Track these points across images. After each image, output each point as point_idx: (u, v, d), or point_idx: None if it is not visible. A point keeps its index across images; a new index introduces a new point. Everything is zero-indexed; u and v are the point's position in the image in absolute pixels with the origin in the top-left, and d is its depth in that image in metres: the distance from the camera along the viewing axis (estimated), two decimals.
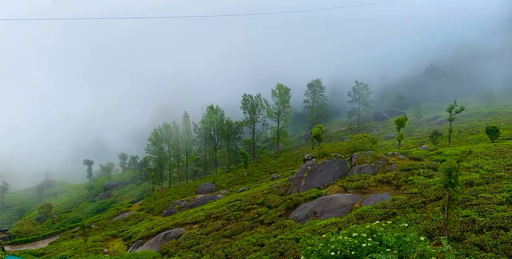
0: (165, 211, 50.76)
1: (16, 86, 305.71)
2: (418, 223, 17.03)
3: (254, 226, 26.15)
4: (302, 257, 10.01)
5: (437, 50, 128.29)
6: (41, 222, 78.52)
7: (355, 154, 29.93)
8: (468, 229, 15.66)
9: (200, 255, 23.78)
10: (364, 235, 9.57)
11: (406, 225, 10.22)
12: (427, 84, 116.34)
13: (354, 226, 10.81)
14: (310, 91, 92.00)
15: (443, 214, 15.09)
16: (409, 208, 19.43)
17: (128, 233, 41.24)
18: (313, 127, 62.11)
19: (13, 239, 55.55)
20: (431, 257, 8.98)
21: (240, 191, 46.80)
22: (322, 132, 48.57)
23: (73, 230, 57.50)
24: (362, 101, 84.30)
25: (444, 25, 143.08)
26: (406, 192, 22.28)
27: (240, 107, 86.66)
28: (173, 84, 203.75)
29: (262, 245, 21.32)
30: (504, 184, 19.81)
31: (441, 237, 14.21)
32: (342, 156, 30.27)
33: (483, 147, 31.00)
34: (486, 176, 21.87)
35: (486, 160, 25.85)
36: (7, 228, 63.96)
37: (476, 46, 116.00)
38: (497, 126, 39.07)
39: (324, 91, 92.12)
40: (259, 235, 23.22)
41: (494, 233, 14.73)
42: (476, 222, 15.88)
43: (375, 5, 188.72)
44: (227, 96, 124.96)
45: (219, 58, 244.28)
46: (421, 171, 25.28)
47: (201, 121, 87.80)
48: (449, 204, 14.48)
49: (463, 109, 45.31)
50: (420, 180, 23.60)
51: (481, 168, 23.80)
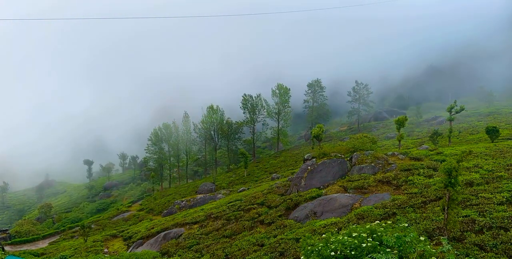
0: (165, 211, 50.76)
1: (16, 86, 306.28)
2: (418, 223, 17.03)
3: (254, 226, 26.15)
4: (302, 257, 10.00)
5: (437, 50, 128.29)
6: (41, 222, 78.51)
7: (355, 154, 29.94)
8: (468, 229, 15.66)
9: (200, 255, 23.77)
10: (364, 235, 9.57)
11: (406, 225, 10.22)
12: (427, 84, 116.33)
13: (354, 226, 10.81)
14: (310, 91, 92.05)
15: (443, 214, 15.08)
16: (409, 208, 19.43)
17: (128, 233, 41.24)
18: (313, 127, 62.12)
19: (13, 239, 55.54)
20: (431, 257, 8.98)
21: (240, 191, 46.80)
22: (322, 131, 48.61)
23: (73, 230, 57.51)
24: (362, 101, 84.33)
25: (444, 26, 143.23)
26: (406, 192, 22.28)
27: (240, 107, 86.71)
28: (173, 84, 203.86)
29: (262, 245, 21.31)
30: (504, 184, 19.82)
31: (441, 237, 14.21)
32: (342, 156, 30.27)
33: (483, 147, 31.00)
34: (486, 176, 21.87)
35: (486, 160, 25.86)
36: (7, 228, 63.93)
37: (476, 46, 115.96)
38: (497, 126, 39.09)
39: (324, 91, 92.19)
40: (259, 235, 23.22)
41: (494, 233, 14.73)
42: (476, 222, 15.88)
43: (375, 5, 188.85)
44: (227, 96, 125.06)
45: (219, 58, 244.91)
46: (421, 171, 25.29)
47: (201, 121, 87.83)
48: (449, 204, 14.48)
49: (463, 109, 45.32)
50: (420, 180, 23.61)
51: (481, 168, 23.81)
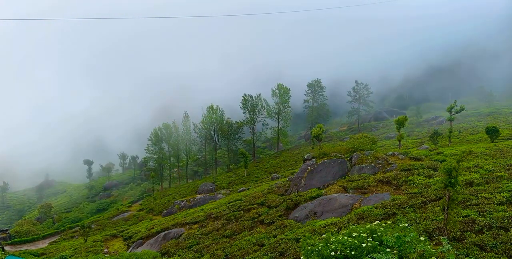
0: (165, 211, 50.76)
1: (16, 86, 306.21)
2: (418, 223, 17.03)
3: (254, 226, 26.15)
4: (302, 257, 10.00)
5: (437, 50, 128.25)
6: (41, 222, 78.51)
7: (355, 154, 29.93)
8: (468, 229, 15.66)
9: (200, 255, 23.77)
10: (364, 235, 9.57)
11: (406, 225, 10.22)
12: (427, 84, 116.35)
13: (354, 226, 10.81)
14: (310, 91, 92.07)
15: (443, 214, 15.08)
16: (409, 208, 19.43)
17: (128, 233, 41.23)
18: (313, 127, 62.12)
19: (13, 239, 55.55)
20: (431, 257, 8.98)
21: (240, 191, 46.80)
22: (322, 132, 48.62)
23: (73, 230, 57.51)
24: (362, 101, 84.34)
25: (445, 26, 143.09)
26: (406, 192, 22.28)
27: (240, 107, 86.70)
28: (173, 84, 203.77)
29: (262, 245, 21.31)
30: (504, 184, 19.82)
31: (441, 237, 14.21)
32: (342, 156, 30.26)
33: (483, 147, 31.00)
34: (486, 176, 21.88)
35: (486, 160, 25.86)
36: (7, 228, 63.93)
37: (477, 46, 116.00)
38: (497, 127, 39.08)
39: (324, 91, 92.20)
40: (259, 235, 23.21)
41: (494, 233, 14.73)
42: (476, 222, 15.88)
43: (375, 5, 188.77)
44: (227, 96, 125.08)
45: (219, 58, 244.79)
46: (421, 171, 25.29)
47: (201, 121, 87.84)
48: (449, 204, 14.47)
49: (463, 109, 45.30)
50: (420, 180, 23.61)
51: (481, 168, 23.80)
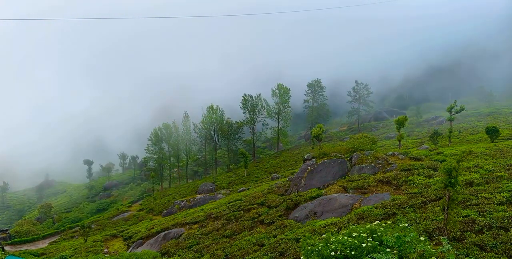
0: (165, 211, 50.76)
1: (16, 86, 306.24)
2: (418, 223, 17.03)
3: (254, 226, 26.14)
4: (302, 257, 10.00)
5: (438, 50, 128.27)
6: (41, 222, 78.51)
7: (355, 154, 29.93)
8: (468, 229, 15.65)
9: (200, 255, 23.77)
10: (364, 235, 9.57)
11: (406, 225, 10.22)
12: (428, 84, 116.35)
13: (354, 226, 10.81)
14: (310, 91, 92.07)
15: (443, 214, 15.08)
16: (409, 208, 19.42)
17: (128, 233, 41.23)
18: (313, 128, 62.11)
19: (13, 239, 55.55)
20: (431, 257, 8.98)
21: (240, 191, 46.79)
22: (322, 131, 48.62)
23: (73, 230, 57.51)
24: (362, 101, 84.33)
25: (445, 26, 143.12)
26: (406, 192, 22.28)
27: (240, 107, 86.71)
28: (173, 84, 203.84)
29: (262, 245, 21.30)
30: (504, 184, 19.82)
31: (441, 237, 14.20)
32: (342, 156, 30.26)
33: (483, 147, 30.99)
34: (486, 176, 21.87)
35: (486, 160, 25.86)
36: (7, 228, 63.93)
37: (477, 46, 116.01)
38: (497, 127, 39.08)
39: (324, 91, 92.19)
40: (259, 235, 23.21)
41: (494, 233, 14.73)
42: (476, 222, 15.87)
43: (375, 6, 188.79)
44: (227, 96, 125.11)
45: (219, 58, 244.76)
46: (421, 171, 25.29)
47: (201, 121, 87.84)
48: (449, 204, 14.47)
49: (463, 109, 45.29)
50: (420, 180, 23.60)
51: (481, 168, 23.80)
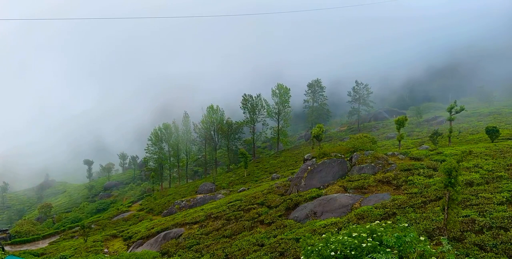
0: (165, 211, 50.75)
1: (18, 87, 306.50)
2: (418, 223, 17.02)
3: (254, 226, 26.12)
4: (302, 257, 10.00)
5: (438, 51, 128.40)
6: (41, 222, 78.52)
7: (355, 154, 29.93)
8: (468, 229, 15.65)
9: (200, 255, 23.75)
10: (364, 235, 9.57)
11: (406, 225, 10.21)
12: (428, 84, 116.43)
13: (354, 226, 10.81)
14: (310, 91, 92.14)
15: (443, 214, 15.08)
16: (409, 208, 19.41)
17: (128, 233, 41.21)
18: (313, 128, 62.10)
19: (13, 239, 55.56)
20: (431, 257, 8.98)
21: (240, 191, 46.79)
22: (322, 131, 48.63)
23: (73, 230, 57.51)
24: (362, 101, 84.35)
25: (445, 26, 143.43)
26: (406, 192, 22.27)
27: (240, 107, 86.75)
28: (174, 84, 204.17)
29: (262, 245, 21.29)
30: (504, 184, 19.82)
31: (441, 237, 14.18)
32: (342, 156, 30.26)
33: (483, 147, 30.97)
34: (486, 176, 21.87)
35: (486, 160, 25.84)
36: (7, 228, 63.94)
37: (477, 47, 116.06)
38: (497, 126, 39.08)
39: (324, 91, 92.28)
40: (259, 235, 23.19)
41: (494, 233, 14.73)
42: (476, 222, 15.87)
43: (377, 7, 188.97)
44: (227, 96, 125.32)
45: (220, 59, 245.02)
46: (421, 171, 25.28)
47: (201, 121, 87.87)
48: (449, 204, 14.47)
49: (463, 110, 45.23)
50: (420, 180, 23.59)
51: (481, 168, 23.79)
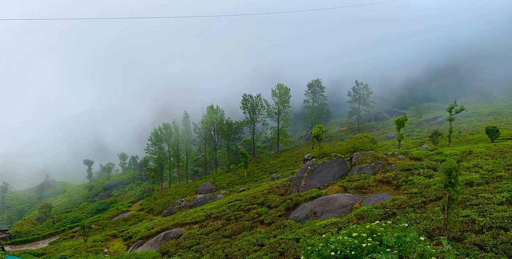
0: (165, 211, 50.75)
1: (18, 87, 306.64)
2: (418, 223, 17.02)
3: (254, 226, 26.12)
4: (302, 257, 10.00)
5: (438, 51, 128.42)
6: (41, 222, 78.52)
7: (355, 154, 29.93)
8: (468, 229, 15.65)
9: (200, 255, 23.75)
10: (364, 235, 9.57)
11: (406, 225, 10.21)
12: (428, 84, 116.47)
13: (354, 226, 10.80)
14: (310, 91, 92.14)
15: (443, 214, 15.07)
16: (409, 208, 19.41)
17: (128, 233, 41.21)
18: (313, 128, 62.10)
19: (13, 239, 55.56)
20: (431, 257, 8.97)
21: (240, 191, 46.79)
22: (322, 132, 48.63)
23: (73, 230, 57.51)
24: (362, 101, 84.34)
25: (446, 27, 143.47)
26: (406, 192, 22.27)
27: (240, 107, 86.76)
28: (174, 84, 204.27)
29: (262, 245, 21.29)
30: (504, 184, 19.82)
31: (441, 237, 14.18)
32: (342, 156, 30.26)
33: (483, 147, 30.97)
34: (486, 176, 21.87)
35: (486, 160, 25.84)
36: (7, 228, 63.94)
37: (477, 47, 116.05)
38: (497, 126, 39.08)
39: (324, 91, 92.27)
40: (259, 235, 23.19)
41: (494, 233, 14.72)
42: (476, 222, 15.87)
43: (378, 7, 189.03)
44: (227, 96, 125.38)
45: (220, 59, 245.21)
46: (421, 171, 25.28)
47: (201, 121, 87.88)
48: (449, 204, 14.47)
49: (463, 110, 45.23)
50: (420, 180, 23.59)
51: (481, 168, 23.79)
